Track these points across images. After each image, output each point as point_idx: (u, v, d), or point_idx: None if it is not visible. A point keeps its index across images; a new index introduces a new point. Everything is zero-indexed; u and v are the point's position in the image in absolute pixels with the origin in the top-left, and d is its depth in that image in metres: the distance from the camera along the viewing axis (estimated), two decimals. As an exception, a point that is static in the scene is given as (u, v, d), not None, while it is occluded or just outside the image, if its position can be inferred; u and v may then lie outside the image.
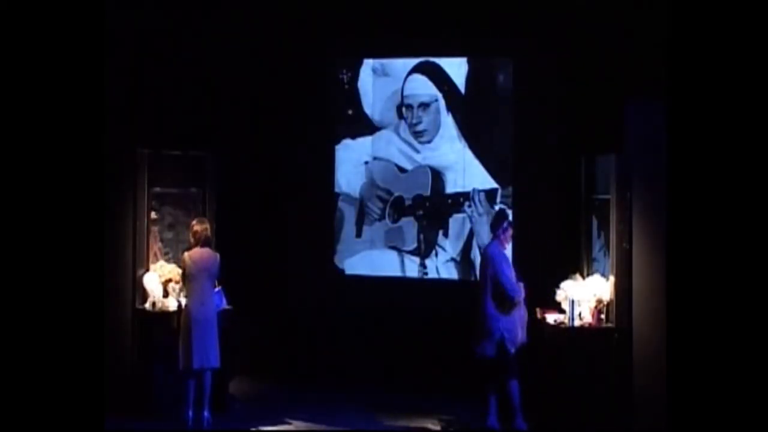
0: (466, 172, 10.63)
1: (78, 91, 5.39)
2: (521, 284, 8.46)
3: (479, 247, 10.41)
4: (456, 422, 8.88)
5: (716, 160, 5.33)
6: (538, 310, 8.81)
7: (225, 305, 9.03)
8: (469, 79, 10.67)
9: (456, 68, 10.71)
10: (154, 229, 9.37)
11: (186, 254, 8.72)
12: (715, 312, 5.27)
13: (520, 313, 8.45)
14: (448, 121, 10.73)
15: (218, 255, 8.74)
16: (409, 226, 10.81)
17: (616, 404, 8.19)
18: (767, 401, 5.14)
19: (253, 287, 10.49)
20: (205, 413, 8.62)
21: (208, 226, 8.81)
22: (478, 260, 10.40)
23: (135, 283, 9.10)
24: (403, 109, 10.86)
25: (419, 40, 10.63)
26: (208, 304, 8.65)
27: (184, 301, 8.81)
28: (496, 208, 10.32)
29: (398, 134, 10.87)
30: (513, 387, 8.36)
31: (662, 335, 6.69)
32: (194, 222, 8.86)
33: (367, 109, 10.97)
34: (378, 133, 10.95)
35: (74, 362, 5.27)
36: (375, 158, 10.95)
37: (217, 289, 8.87)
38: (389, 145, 10.90)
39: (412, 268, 10.79)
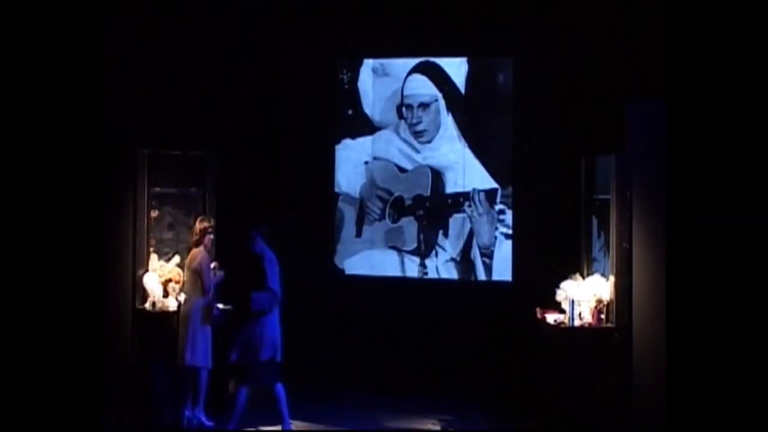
0: (466, 172, 10.62)
1: (75, 90, 5.39)
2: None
3: (479, 247, 10.42)
4: (456, 422, 8.87)
5: (716, 159, 5.33)
6: (538, 310, 8.81)
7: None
8: (469, 79, 10.67)
9: (456, 68, 10.71)
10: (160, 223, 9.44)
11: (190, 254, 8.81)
12: (715, 312, 5.27)
13: None
14: (448, 121, 10.73)
15: (205, 253, 8.74)
16: (409, 226, 10.81)
17: (616, 404, 8.19)
18: (767, 401, 5.14)
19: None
20: (199, 413, 8.64)
21: (207, 224, 8.82)
22: (478, 260, 10.42)
23: (135, 283, 9.12)
24: (403, 109, 10.85)
25: (419, 40, 10.64)
26: (191, 302, 8.69)
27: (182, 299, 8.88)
28: (497, 208, 10.32)
29: (398, 134, 10.86)
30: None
31: (662, 335, 6.70)
32: (198, 219, 8.93)
33: (367, 109, 10.96)
34: (378, 133, 10.94)
35: (72, 361, 5.27)
36: (375, 158, 10.94)
37: (223, 307, 8.87)
38: (389, 145, 10.90)
39: (412, 268, 10.78)
